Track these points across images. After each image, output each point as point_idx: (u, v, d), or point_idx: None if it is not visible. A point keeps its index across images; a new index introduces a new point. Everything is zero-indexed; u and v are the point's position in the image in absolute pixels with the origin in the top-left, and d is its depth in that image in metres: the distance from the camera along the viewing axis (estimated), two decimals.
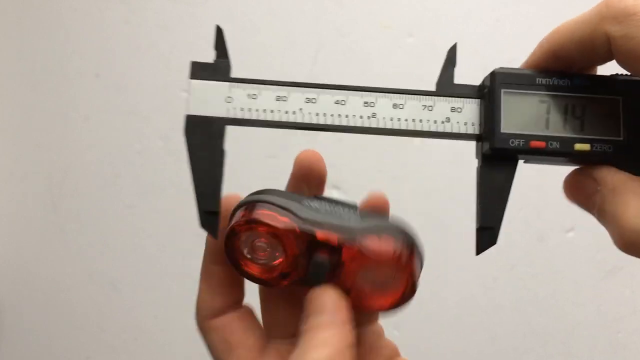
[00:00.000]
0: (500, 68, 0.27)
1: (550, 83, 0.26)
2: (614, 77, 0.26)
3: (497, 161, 0.27)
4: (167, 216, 0.83)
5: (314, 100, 0.27)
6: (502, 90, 0.26)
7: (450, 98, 0.27)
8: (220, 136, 0.27)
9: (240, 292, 0.30)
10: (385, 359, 0.32)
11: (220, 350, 0.29)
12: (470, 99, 0.27)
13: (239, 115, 0.27)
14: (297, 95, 0.28)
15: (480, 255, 0.27)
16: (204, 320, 0.29)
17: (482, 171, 0.27)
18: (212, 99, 0.27)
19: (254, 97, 0.28)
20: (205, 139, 0.27)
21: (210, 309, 0.29)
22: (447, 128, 0.27)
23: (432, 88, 0.28)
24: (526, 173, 0.26)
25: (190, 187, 0.28)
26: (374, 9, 0.83)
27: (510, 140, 0.26)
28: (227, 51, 0.29)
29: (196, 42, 0.85)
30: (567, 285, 0.79)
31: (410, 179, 0.81)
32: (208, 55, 0.28)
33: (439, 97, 0.28)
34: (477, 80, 0.30)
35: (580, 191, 0.24)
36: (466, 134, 0.27)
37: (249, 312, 0.30)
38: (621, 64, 0.24)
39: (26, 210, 0.87)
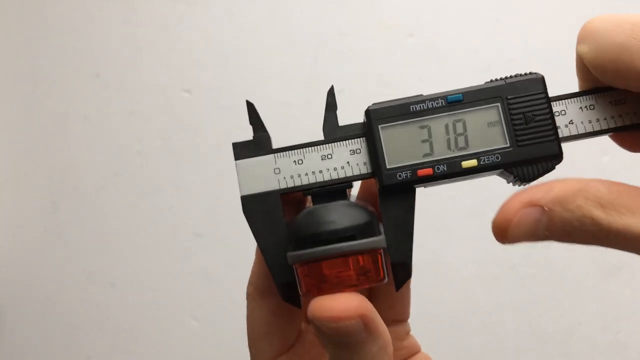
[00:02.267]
0: (374, 104, 0.27)
1: (425, 107, 0.26)
2: (486, 85, 0.27)
3: (394, 195, 0.27)
4: (167, 216, 0.83)
5: (358, 151, 0.27)
6: (379, 127, 0.26)
7: (340, 142, 0.28)
8: (277, 207, 0.27)
9: None
10: (403, 358, 0.32)
11: (255, 330, 0.29)
12: (357, 139, 0.27)
13: (290, 183, 0.27)
14: (342, 150, 0.28)
15: (481, 254, 0.27)
16: (255, 292, 0.30)
17: (383, 207, 0.27)
18: (260, 174, 0.27)
19: (300, 162, 0.27)
20: (264, 214, 0.27)
21: (260, 287, 0.29)
22: (348, 172, 0.27)
23: (433, 89, 0.28)
24: None
25: (190, 187, 0.28)
26: (374, 9, 0.83)
27: (397, 174, 0.26)
28: (263, 124, 0.29)
29: (196, 42, 0.85)
30: (567, 285, 0.79)
31: None
32: (209, 61, 0.28)
33: (333, 144, 0.28)
34: (478, 80, 0.29)
35: (521, 229, 0.24)
36: (361, 174, 0.27)
37: None
38: (597, 76, 0.24)
39: (26, 210, 0.87)
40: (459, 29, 0.82)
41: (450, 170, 0.26)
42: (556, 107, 0.26)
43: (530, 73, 0.26)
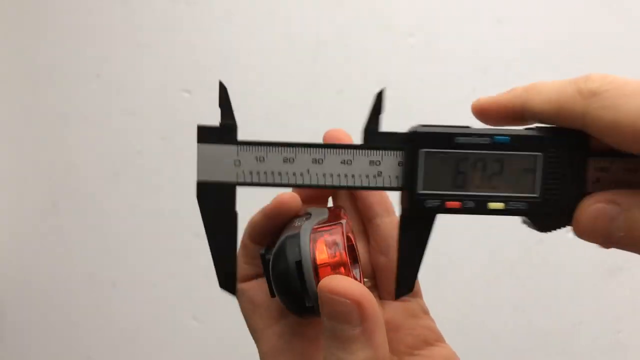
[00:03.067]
0: (421, 126, 0.27)
1: (471, 142, 0.26)
2: (535, 133, 0.26)
3: (415, 220, 0.27)
4: (167, 216, 0.83)
5: (320, 161, 0.27)
6: (422, 151, 0.26)
7: (376, 151, 0.27)
8: (231, 199, 0.27)
9: None
10: (418, 341, 0.32)
11: (246, 308, 0.32)
12: (394, 151, 0.27)
13: (248, 178, 0.27)
14: (304, 157, 0.27)
15: (481, 255, 0.27)
16: (238, 282, 0.32)
17: (402, 225, 0.28)
18: (220, 163, 0.27)
19: (262, 159, 0.27)
20: (217, 203, 0.27)
21: (242, 275, 0.32)
22: (378, 182, 0.27)
23: (431, 89, 0.28)
24: None
25: (191, 187, 0.28)
26: (374, 9, 0.83)
27: (427, 201, 0.27)
28: (232, 111, 0.28)
29: (196, 42, 0.85)
30: (567, 285, 0.79)
31: None
32: (209, 61, 0.28)
33: (364, 151, 0.27)
34: (478, 80, 0.29)
35: (598, 221, 0.24)
36: (391, 187, 0.27)
37: None
38: (596, 134, 0.24)
39: (26, 210, 0.87)
40: (459, 29, 0.82)
41: (477, 208, 0.27)
42: (601, 163, 0.26)
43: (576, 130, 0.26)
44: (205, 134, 0.27)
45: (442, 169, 0.26)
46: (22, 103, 0.88)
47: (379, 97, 0.28)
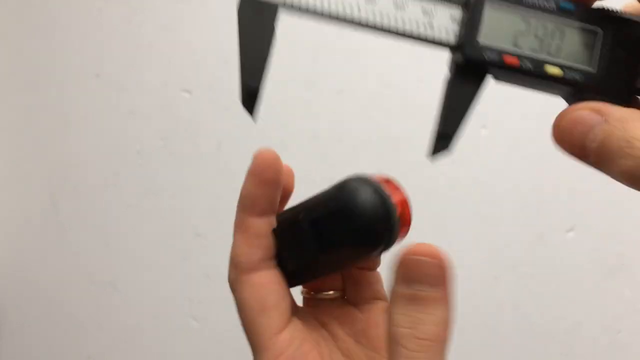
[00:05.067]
0: None
1: (537, 3, 0.26)
2: (601, 10, 0.26)
3: (467, 73, 0.27)
4: (167, 216, 0.83)
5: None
6: (487, 3, 0.26)
7: (434, 1, 0.27)
8: (272, 17, 0.26)
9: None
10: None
11: (252, 307, 0.28)
12: (453, 5, 0.27)
13: (296, 1, 0.26)
14: None
15: (481, 255, 0.27)
16: (241, 273, 0.28)
17: (450, 82, 0.27)
18: None
19: None
20: (257, 18, 0.26)
21: (248, 263, 0.28)
22: (429, 32, 0.27)
23: (431, 89, 0.28)
24: (526, 175, 0.26)
25: (191, 187, 0.28)
26: None
27: (485, 52, 0.26)
28: None
29: (196, 42, 0.85)
30: (567, 285, 0.79)
31: (410, 179, 0.81)
32: (209, 61, 0.28)
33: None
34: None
35: (577, 127, 0.24)
36: (442, 41, 0.27)
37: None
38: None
39: (26, 210, 0.87)
40: None
41: (535, 70, 0.26)
42: None
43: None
44: None
45: (504, 25, 0.26)
46: (22, 103, 0.88)
47: None
